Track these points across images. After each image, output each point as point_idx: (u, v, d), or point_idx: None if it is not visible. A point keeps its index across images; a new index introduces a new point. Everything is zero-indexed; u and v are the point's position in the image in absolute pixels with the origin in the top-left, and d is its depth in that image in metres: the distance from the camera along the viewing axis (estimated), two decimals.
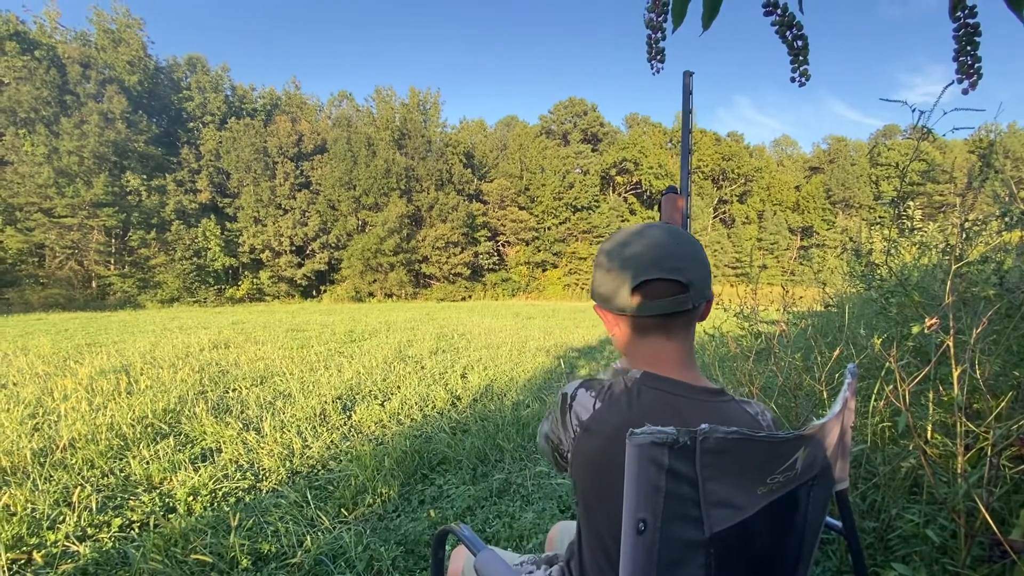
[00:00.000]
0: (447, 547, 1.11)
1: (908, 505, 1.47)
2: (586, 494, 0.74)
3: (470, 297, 35.59)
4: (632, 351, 0.79)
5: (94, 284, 27.75)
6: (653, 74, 0.89)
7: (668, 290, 0.73)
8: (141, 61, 31.10)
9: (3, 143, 25.31)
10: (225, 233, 32.02)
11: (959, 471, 1.25)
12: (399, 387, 4.95)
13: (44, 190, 25.36)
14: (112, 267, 28.41)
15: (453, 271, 35.60)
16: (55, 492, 2.55)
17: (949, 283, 1.34)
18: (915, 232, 2.47)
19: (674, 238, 0.75)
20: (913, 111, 1.28)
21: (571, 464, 0.75)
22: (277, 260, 33.16)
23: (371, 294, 33.70)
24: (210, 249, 30.93)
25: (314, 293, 34.81)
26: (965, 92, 0.70)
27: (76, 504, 2.41)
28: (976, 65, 0.70)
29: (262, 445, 3.29)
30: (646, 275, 0.72)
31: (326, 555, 2.06)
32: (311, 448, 3.27)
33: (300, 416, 3.92)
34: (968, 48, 0.69)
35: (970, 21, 0.69)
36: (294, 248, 33.48)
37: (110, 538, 2.18)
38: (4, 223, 24.21)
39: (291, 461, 3.07)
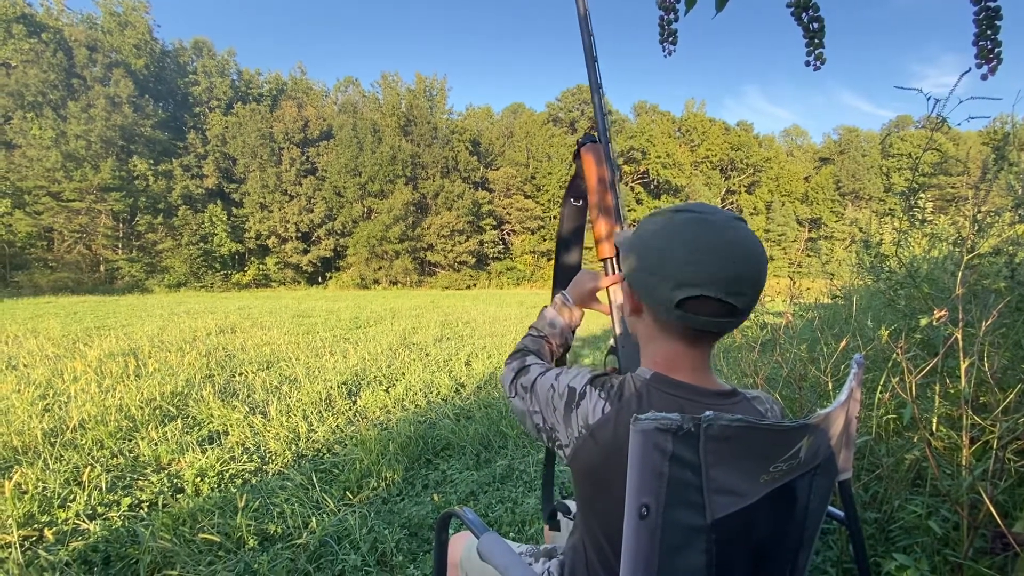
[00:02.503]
0: (449, 531, 1.12)
1: (911, 497, 1.47)
2: (585, 496, 0.74)
3: (475, 285, 35.60)
4: (648, 344, 0.76)
5: (102, 268, 27.97)
6: (665, 56, 0.87)
7: (718, 311, 0.65)
8: (147, 45, 30.99)
9: (11, 126, 25.39)
10: (231, 219, 32.11)
11: (964, 464, 1.24)
12: (404, 373, 4.98)
13: (52, 174, 25.47)
14: (120, 251, 28.60)
15: (458, 259, 35.57)
16: (65, 471, 2.59)
17: (960, 275, 1.32)
18: (926, 224, 2.45)
19: (751, 250, 0.66)
20: (928, 99, 1.25)
21: (571, 464, 0.73)
22: (283, 246, 33.27)
23: (376, 281, 33.78)
24: (216, 235, 31.05)
25: (320, 280, 34.94)
26: (984, 77, 0.68)
27: (86, 483, 2.45)
28: (996, 50, 0.68)
29: (268, 429, 3.32)
30: (703, 291, 0.64)
31: (331, 537, 2.09)
32: (317, 432, 3.31)
33: (306, 401, 3.95)
34: (988, 32, 0.67)
35: (991, 4, 0.67)
36: (300, 234, 33.55)
37: (119, 517, 2.22)
38: (13, 206, 24.36)
39: (297, 445, 3.10)
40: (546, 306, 1.03)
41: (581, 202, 1.09)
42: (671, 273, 0.65)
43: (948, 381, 1.47)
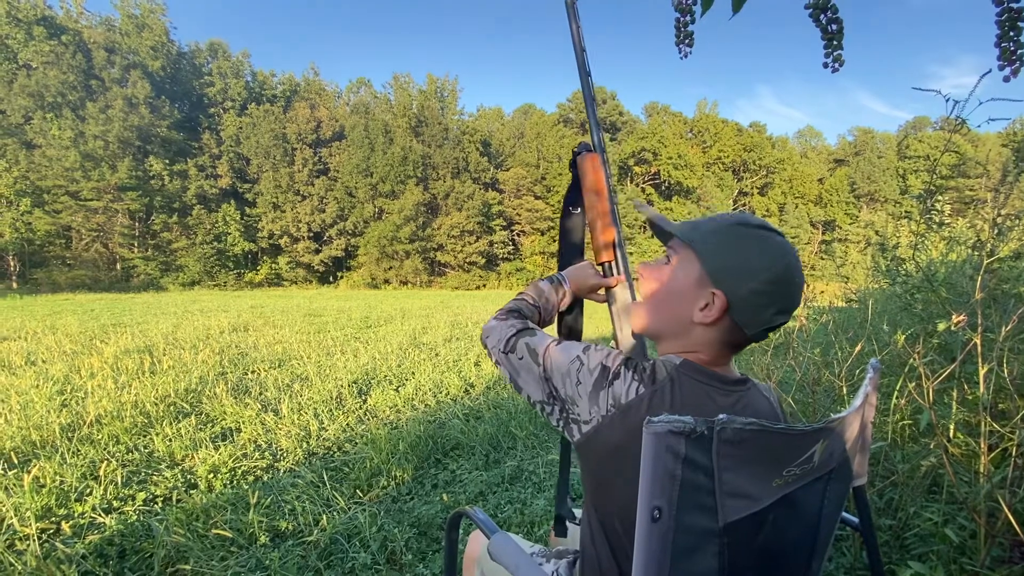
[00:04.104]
0: (459, 530, 1.12)
1: (927, 504, 1.45)
2: (603, 479, 0.72)
3: (484, 286, 35.66)
4: (693, 341, 0.75)
5: (118, 266, 28.45)
6: (681, 58, 0.87)
7: (782, 325, 0.74)
8: (164, 46, 31.48)
9: (31, 127, 25.91)
10: (244, 218, 32.51)
11: (982, 471, 1.22)
12: (414, 373, 5.00)
13: (71, 173, 25.96)
14: (136, 250, 29.06)
15: (468, 260, 35.67)
16: (82, 466, 2.64)
17: (979, 279, 1.30)
18: (944, 227, 2.41)
19: None
20: (947, 100, 1.23)
21: (588, 442, 0.72)
22: (295, 246, 33.60)
23: (387, 281, 33.99)
24: (230, 234, 31.46)
25: (331, 279, 35.23)
26: (1007, 79, 0.67)
27: (102, 478, 2.49)
28: (1019, 51, 0.67)
29: (280, 426, 3.36)
30: (789, 317, 0.72)
31: (341, 534, 2.10)
32: (327, 430, 3.33)
33: (317, 399, 3.98)
34: (1011, 33, 0.66)
35: (1014, 5, 0.66)
36: (312, 234, 33.86)
37: (135, 511, 2.26)
38: (32, 205, 24.87)
39: (308, 442, 3.13)
40: (541, 279, 1.03)
41: (579, 210, 1.11)
42: (779, 300, 0.69)
43: (966, 387, 1.45)
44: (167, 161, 29.86)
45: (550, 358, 0.77)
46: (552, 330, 1.00)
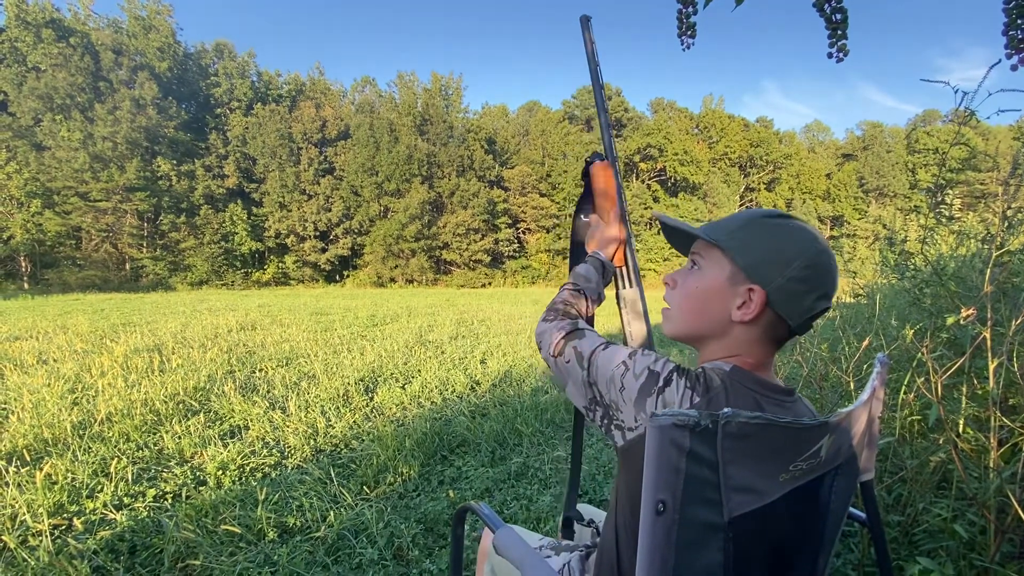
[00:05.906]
0: (465, 525, 1.12)
1: (935, 500, 1.43)
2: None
3: (490, 284, 35.67)
4: (736, 338, 0.73)
5: (128, 266, 28.70)
6: (683, 50, 0.86)
7: (825, 312, 0.72)
8: (171, 48, 31.66)
9: (41, 128, 26.16)
10: (251, 218, 32.68)
11: (991, 466, 1.21)
12: (420, 371, 5.02)
13: (80, 174, 26.20)
14: (144, 250, 29.29)
15: (473, 258, 35.68)
16: (93, 463, 2.67)
17: (988, 272, 1.29)
18: (953, 221, 2.38)
19: None
20: (956, 92, 1.22)
21: (631, 448, 0.68)
22: (301, 245, 33.75)
23: (392, 279, 34.08)
24: (237, 233, 31.64)
25: (337, 278, 35.37)
26: (1015, 68, 0.66)
27: (113, 475, 2.52)
28: None
29: (287, 424, 3.38)
30: (830, 303, 0.71)
31: (349, 530, 2.12)
32: (334, 428, 3.35)
33: (324, 397, 4.01)
34: (1019, 21, 0.65)
35: None
36: (318, 233, 33.99)
37: (145, 507, 2.28)
38: (43, 206, 25.12)
39: (315, 440, 3.15)
40: (580, 264, 1.02)
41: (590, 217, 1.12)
42: (818, 285, 0.68)
43: (975, 382, 1.44)
44: (175, 162, 30.06)
45: (596, 363, 0.75)
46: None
